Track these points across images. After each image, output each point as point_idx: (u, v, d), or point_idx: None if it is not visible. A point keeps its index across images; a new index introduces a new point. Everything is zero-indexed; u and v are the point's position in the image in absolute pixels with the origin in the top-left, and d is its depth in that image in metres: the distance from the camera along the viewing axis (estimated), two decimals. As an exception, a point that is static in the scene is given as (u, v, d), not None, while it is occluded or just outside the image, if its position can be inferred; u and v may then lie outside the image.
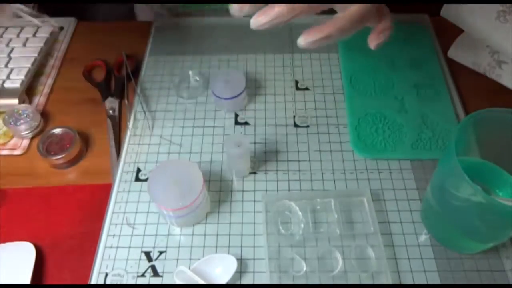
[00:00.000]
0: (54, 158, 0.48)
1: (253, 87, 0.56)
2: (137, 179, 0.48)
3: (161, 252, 0.43)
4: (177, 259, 0.42)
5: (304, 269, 0.41)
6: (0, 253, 0.42)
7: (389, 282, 0.40)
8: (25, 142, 0.52)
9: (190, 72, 0.56)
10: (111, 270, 0.42)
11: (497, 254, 0.42)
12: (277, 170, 0.48)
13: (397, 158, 0.49)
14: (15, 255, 0.43)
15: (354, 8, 0.39)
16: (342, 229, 0.43)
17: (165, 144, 0.51)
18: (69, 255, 0.44)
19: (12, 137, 0.52)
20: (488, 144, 0.40)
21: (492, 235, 0.39)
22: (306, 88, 0.56)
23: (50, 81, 0.58)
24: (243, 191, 0.47)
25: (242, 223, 0.45)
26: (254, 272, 0.42)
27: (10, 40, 0.61)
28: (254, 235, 0.44)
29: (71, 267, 0.43)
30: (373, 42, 0.43)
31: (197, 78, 0.56)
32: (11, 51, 0.59)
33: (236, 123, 0.53)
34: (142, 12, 0.73)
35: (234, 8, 0.38)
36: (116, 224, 0.45)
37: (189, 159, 0.49)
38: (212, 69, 0.58)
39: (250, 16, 0.37)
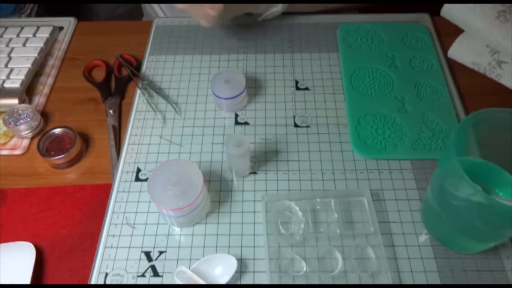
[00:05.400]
0: (54, 158, 0.48)
1: (253, 87, 0.56)
2: (137, 179, 0.48)
3: (161, 252, 0.43)
4: (177, 259, 0.42)
5: (304, 269, 0.41)
6: (0, 253, 0.42)
7: (389, 282, 0.40)
8: (25, 142, 0.52)
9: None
10: (111, 270, 0.42)
11: (497, 254, 0.42)
12: (277, 170, 0.48)
13: (397, 158, 0.49)
14: (15, 255, 0.43)
15: None
16: (342, 229, 0.43)
17: (165, 144, 0.51)
18: (69, 255, 0.44)
19: (12, 137, 0.52)
20: (488, 144, 0.40)
21: (492, 235, 0.39)
22: (306, 88, 0.56)
23: (50, 81, 0.58)
24: (243, 191, 0.47)
25: (242, 223, 0.45)
26: (254, 272, 0.42)
27: (10, 40, 0.61)
28: (254, 235, 0.44)
29: (71, 267, 0.43)
30: None
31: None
32: (11, 51, 0.59)
33: (236, 123, 0.53)
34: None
35: None
36: (116, 224, 0.45)
37: (189, 159, 0.49)
38: (212, 69, 0.59)
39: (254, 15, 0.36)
